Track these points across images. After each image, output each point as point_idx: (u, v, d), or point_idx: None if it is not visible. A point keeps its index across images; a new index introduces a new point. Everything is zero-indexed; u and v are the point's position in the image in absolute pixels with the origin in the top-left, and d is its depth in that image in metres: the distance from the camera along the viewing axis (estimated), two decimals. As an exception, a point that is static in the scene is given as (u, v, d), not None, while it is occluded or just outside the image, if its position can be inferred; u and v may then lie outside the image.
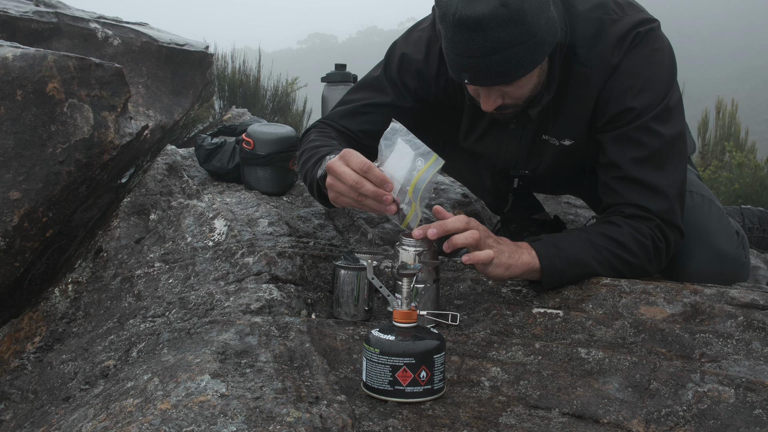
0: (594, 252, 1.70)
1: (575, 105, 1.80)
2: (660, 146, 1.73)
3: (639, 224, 1.72)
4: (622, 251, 1.71)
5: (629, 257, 1.71)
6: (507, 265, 1.62)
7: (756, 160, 4.76)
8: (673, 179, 1.75)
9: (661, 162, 1.74)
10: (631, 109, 1.73)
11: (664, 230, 1.73)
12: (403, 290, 1.40)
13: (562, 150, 1.89)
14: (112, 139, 2.18)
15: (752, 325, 1.54)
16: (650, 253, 1.72)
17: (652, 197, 1.73)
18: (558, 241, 1.71)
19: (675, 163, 1.76)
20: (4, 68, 2.09)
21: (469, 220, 1.59)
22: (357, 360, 1.51)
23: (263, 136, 2.42)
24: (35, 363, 1.86)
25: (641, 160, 1.73)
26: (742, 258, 1.97)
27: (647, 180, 1.73)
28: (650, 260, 1.74)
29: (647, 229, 1.72)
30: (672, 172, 1.75)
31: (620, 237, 1.71)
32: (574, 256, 1.69)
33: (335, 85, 2.81)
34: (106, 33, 3.46)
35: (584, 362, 1.46)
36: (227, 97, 5.67)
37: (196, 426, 1.17)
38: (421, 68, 1.88)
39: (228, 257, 1.94)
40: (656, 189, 1.73)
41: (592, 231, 1.74)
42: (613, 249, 1.70)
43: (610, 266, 1.72)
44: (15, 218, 2.04)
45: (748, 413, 1.28)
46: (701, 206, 1.94)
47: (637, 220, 1.73)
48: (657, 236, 1.72)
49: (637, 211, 1.73)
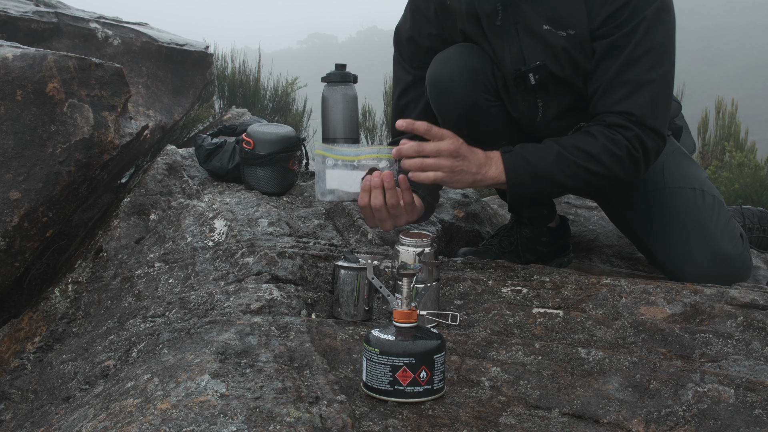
0: (563, 165, 1.77)
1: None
2: (648, 49, 1.75)
3: (616, 134, 1.76)
4: (592, 163, 1.77)
5: (599, 169, 1.77)
6: (472, 181, 1.77)
7: (756, 160, 4.75)
8: (659, 82, 1.77)
9: (647, 65, 1.76)
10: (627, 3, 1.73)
11: (642, 138, 1.76)
12: (403, 290, 1.40)
13: (567, 41, 1.84)
14: (112, 139, 2.18)
15: (752, 325, 1.54)
16: (624, 162, 1.78)
17: (634, 99, 1.75)
18: (527, 153, 1.79)
19: (662, 65, 1.77)
20: (4, 68, 2.09)
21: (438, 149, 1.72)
22: (357, 360, 1.51)
23: (263, 136, 2.42)
24: (35, 363, 1.86)
25: (628, 64, 1.75)
26: (746, 261, 1.97)
27: (631, 82, 1.75)
28: (624, 169, 1.79)
29: (623, 140, 1.76)
30: (658, 74, 1.77)
31: (592, 149, 1.76)
32: (541, 170, 1.77)
33: (335, 85, 2.81)
34: (106, 33, 3.46)
35: (584, 362, 1.46)
36: (227, 97, 5.67)
37: (196, 426, 1.17)
38: (411, 34, 2.06)
39: (228, 257, 1.94)
40: (639, 91, 1.75)
41: (566, 143, 1.80)
42: (582, 162, 1.77)
43: (578, 178, 1.80)
44: (15, 218, 2.04)
45: (748, 413, 1.28)
46: (711, 207, 1.94)
47: (615, 129, 1.76)
48: (633, 146, 1.76)
49: (618, 119, 1.77)
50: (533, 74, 1.90)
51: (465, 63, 1.98)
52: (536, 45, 1.87)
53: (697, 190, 1.96)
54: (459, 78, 1.98)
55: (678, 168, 1.99)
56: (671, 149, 2.02)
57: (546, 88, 1.92)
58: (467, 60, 1.98)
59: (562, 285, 1.79)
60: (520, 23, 1.87)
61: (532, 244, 2.25)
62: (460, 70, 1.98)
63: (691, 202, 1.94)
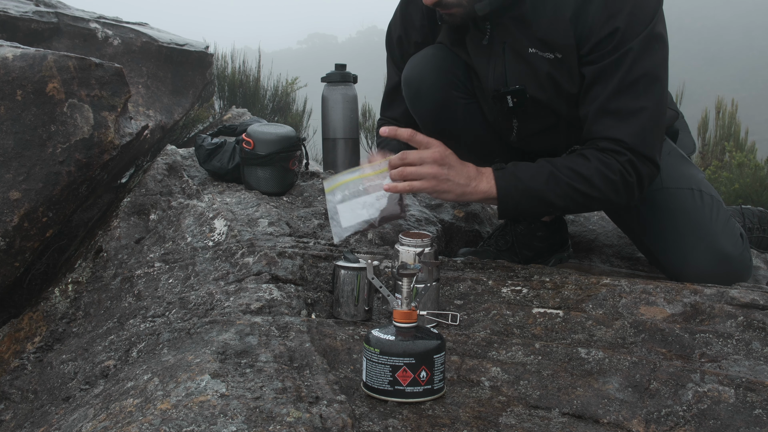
0: (554, 186, 1.76)
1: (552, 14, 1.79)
2: (638, 77, 1.74)
3: (609, 158, 1.76)
4: (585, 185, 1.76)
5: (592, 191, 1.76)
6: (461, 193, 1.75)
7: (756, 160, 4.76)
8: (649, 110, 1.76)
9: (637, 93, 1.75)
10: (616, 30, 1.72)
11: (636, 164, 1.76)
12: (403, 290, 1.40)
13: (550, 64, 1.84)
14: (112, 139, 2.18)
15: (752, 325, 1.54)
16: (617, 187, 1.77)
17: (624, 128, 1.75)
18: (520, 172, 1.78)
19: (653, 94, 1.76)
20: (4, 68, 2.09)
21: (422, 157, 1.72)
22: (357, 360, 1.51)
23: (263, 136, 2.42)
24: (35, 363, 1.86)
25: (618, 92, 1.75)
26: (746, 261, 1.97)
27: (622, 110, 1.75)
28: (618, 194, 1.78)
29: (617, 164, 1.75)
30: (648, 102, 1.76)
31: (585, 171, 1.76)
32: (533, 189, 1.76)
33: (335, 85, 2.81)
34: (106, 33, 3.46)
35: (584, 362, 1.46)
36: (227, 97, 5.67)
37: (196, 426, 1.17)
38: (400, 34, 2.13)
39: (228, 257, 1.94)
40: (630, 120, 1.75)
41: (559, 164, 1.78)
42: (575, 183, 1.76)
43: (571, 200, 1.78)
44: (15, 218, 2.04)
45: (748, 413, 1.28)
46: (710, 207, 1.94)
47: (609, 154, 1.76)
48: (627, 171, 1.75)
49: (610, 145, 1.76)
50: (511, 97, 1.93)
51: (435, 63, 2.03)
52: (520, 67, 1.89)
53: (695, 191, 1.96)
54: (429, 78, 2.03)
55: (675, 169, 1.99)
56: (667, 150, 2.02)
57: (523, 111, 1.95)
58: (437, 60, 2.03)
59: (562, 285, 1.79)
60: (507, 43, 1.89)
61: (527, 240, 2.26)
62: (430, 70, 2.03)
63: (690, 203, 1.94)
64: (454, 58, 2.03)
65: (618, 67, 1.74)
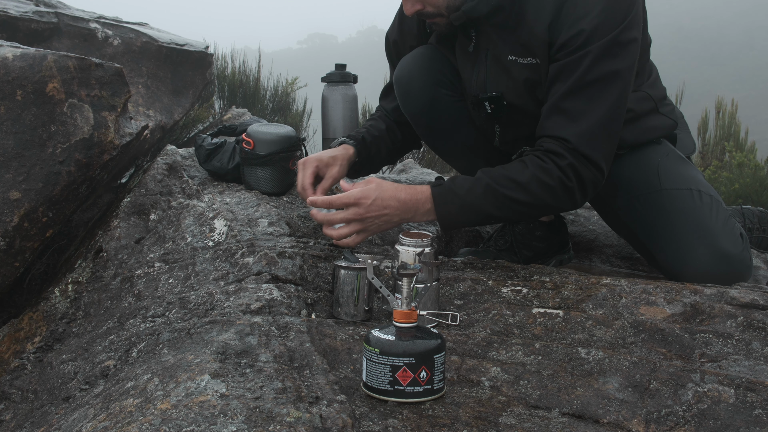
0: (492, 198, 1.79)
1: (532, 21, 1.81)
2: (595, 79, 1.75)
3: (548, 163, 1.77)
4: (521, 194, 1.78)
5: (528, 198, 1.78)
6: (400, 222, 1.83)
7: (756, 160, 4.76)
8: (600, 113, 1.76)
9: (591, 95, 1.76)
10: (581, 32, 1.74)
11: (577, 168, 1.76)
12: (403, 290, 1.40)
13: (529, 70, 1.87)
14: (112, 139, 2.18)
15: (752, 325, 1.54)
16: (556, 193, 1.78)
17: (572, 128, 1.76)
18: (459, 189, 1.80)
19: (606, 98, 1.77)
20: (4, 68, 2.09)
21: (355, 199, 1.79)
22: (357, 360, 1.51)
23: (263, 136, 2.42)
24: (35, 363, 1.86)
25: (571, 91, 1.76)
26: (746, 260, 1.97)
27: (571, 110, 1.76)
28: (556, 199, 1.80)
29: (555, 169, 1.76)
30: (600, 106, 1.76)
31: (521, 178, 1.78)
32: (470, 204, 1.80)
33: (335, 85, 2.81)
34: (106, 33, 3.46)
35: (584, 362, 1.46)
36: (227, 97, 5.67)
37: (196, 426, 1.17)
38: (396, 39, 2.20)
39: (228, 257, 1.94)
40: (578, 120, 1.75)
41: (496, 174, 1.81)
42: (511, 193, 1.78)
43: (509, 209, 1.81)
44: (15, 218, 2.04)
45: (748, 413, 1.28)
46: (709, 207, 1.94)
47: (550, 157, 1.77)
48: (566, 175, 1.76)
49: (554, 145, 1.77)
50: (489, 103, 1.96)
51: (424, 63, 2.08)
52: (500, 75, 1.93)
53: (693, 191, 1.96)
54: (418, 76, 2.07)
55: (673, 170, 1.99)
56: (665, 152, 2.03)
57: (504, 118, 1.99)
58: (426, 60, 2.08)
59: (562, 285, 1.79)
60: (489, 50, 1.93)
61: (526, 239, 2.26)
62: (419, 69, 2.08)
63: (689, 203, 1.94)
64: (443, 58, 2.07)
65: (576, 67, 1.75)
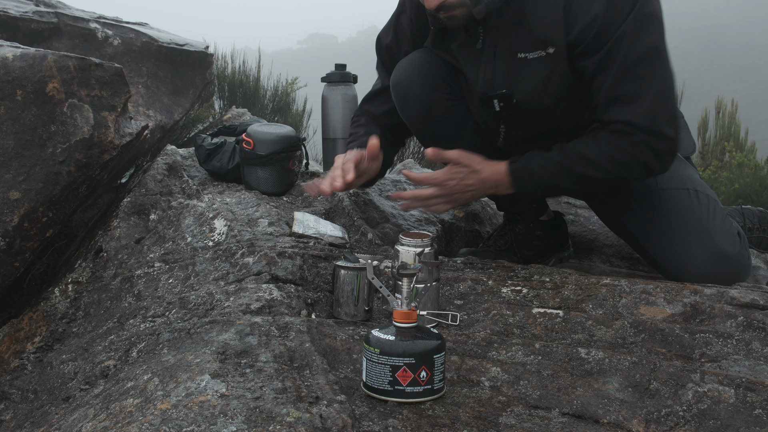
0: (566, 175, 1.87)
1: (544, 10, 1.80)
2: (638, 58, 1.75)
3: (620, 141, 1.79)
4: (594, 171, 1.84)
5: (602, 175, 1.84)
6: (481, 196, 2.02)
7: (756, 160, 4.75)
8: (655, 89, 1.77)
9: (640, 75, 1.76)
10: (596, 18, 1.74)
11: (650, 143, 1.78)
12: (403, 290, 1.40)
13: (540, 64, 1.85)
14: (112, 139, 2.18)
15: (752, 325, 1.54)
16: (631, 167, 1.82)
17: (632, 110, 1.77)
18: (535, 166, 1.89)
19: (656, 72, 1.78)
20: (4, 68, 2.09)
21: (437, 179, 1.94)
22: (357, 360, 1.51)
23: (263, 136, 2.42)
24: (35, 363, 1.86)
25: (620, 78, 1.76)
26: (745, 259, 1.97)
27: (626, 95, 1.77)
28: (633, 172, 1.84)
29: (627, 146, 1.79)
30: (653, 81, 1.77)
31: (594, 155, 1.83)
32: (546, 181, 1.89)
33: (335, 85, 2.81)
34: (106, 33, 3.46)
35: (584, 362, 1.46)
36: (227, 97, 5.67)
37: (196, 426, 1.17)
38: (389, 44, 2.19)
39: (228, 257, 1.94)
40: (636, 102, 1.77)
41: (570, 151, 1.86)
42: (584, 171, 1.84)
43: (584, 184, 1.90)
44: (15, 218, 2.04)
45: (748, 413, 1.28)
46: (707, 207, 1.94)
47: (620, 135, 1.79)
48: (639, 150, 1.79)
49: (623, 128, 1.79)
50: (498, 101, 1.96)
51: (422, 67, 2.07)
52: (509, 72, 1.91)
53: (690, 191, 1.96)
54: (416, 80, 2.07)
55: (670, 170, 1.99)
56: None
57: (510, 117, 1.99)
58: (424, 64, 2.07)
59: (562, 285, 1.79)
60: (498, 47, 1.90)
61: (527, 239, 2.26)
62: (417, 73, 2.07)
63: (686, 202, 1.94)
64: (440, 62, 2.06)
65: (615, 53, 1.75)
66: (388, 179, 2.73)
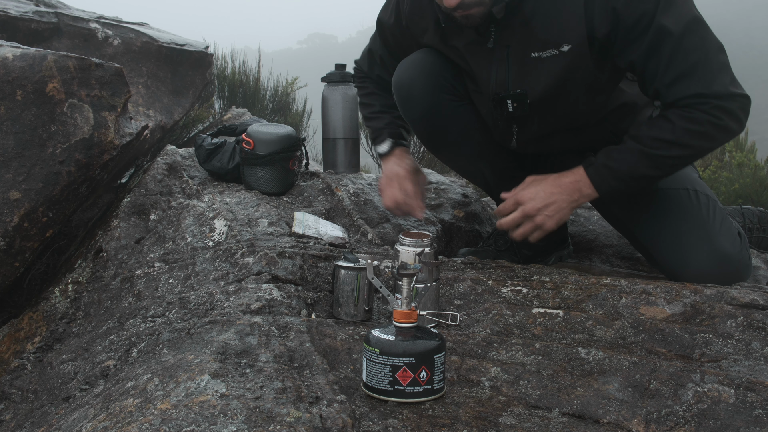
0: (648, 162, 1.81)
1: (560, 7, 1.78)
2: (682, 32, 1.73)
3: (693, 113, 1.76)
4: (676, 149, 1.79)
5: (684, 152, 1.80)
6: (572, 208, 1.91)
7: (756, 160, 4.75)
8: (710, 54, 1.75)
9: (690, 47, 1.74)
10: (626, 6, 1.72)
11: (721, 106, 1.75)
12: (403, 290, 1.40)
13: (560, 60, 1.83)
14: (112, 139, 2.18)
15: (752, 325, 1.54)
16: (710, 135, 1.78)
17: (697, 83, 1.75)
18: (612, 162, 1.84)
19: (703, 39, 1.76)
20: (4, 68, 2.09)
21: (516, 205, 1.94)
22: (357, 360, 1.51)
23: (263, 136, 2.42)
24: (35, 363, 1.86)
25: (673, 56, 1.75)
26: (745, 259, 1.97)
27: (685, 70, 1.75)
28: (713, 140, 1.80)
29: (701, 114, 1.76)
30: (705, 48, 1.75)
31: (671, 136, 1.78)
32: (628, 174, 1.83)
33: (335, 85, 2.81)
34: (106, 33, 3.46)
35: (584, 362, 1.46)
36: (227, 97, 5.67)
37: (196, 426, 1.17)
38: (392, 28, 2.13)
39: (228, 257, 1.94)
40: (695, 73, 1.74)
41: (644, 138, 1.81)
42: (665, 152, 1.79)
43: (667, 166, 1.84)
44: (15, 218, 2.04)
45: (748, 413, 1.28)
46: (707, 207, 1.94)
47: (692, 107, 1.76)
48: (714, 116, 1.75)
49: (693, 101, 1.76)
50: (512, 101, 1.93)
51: (425, 67, 2.04)
52: (522, 71, 1.89)
53: (690, 191, 1.96)
54: (419, 81, 2.04)
55: None
56: None
57: (523, 117, 1.96)
58: (427, 64, 2.04)
59: (562, 285, 1.79)
60: (510, 47, 1.87)
61: (527, 239, 2.25)
62: (419, 74, 2.04)
63: (686, 202, 1.94)
64: (443, 62, 2.03)
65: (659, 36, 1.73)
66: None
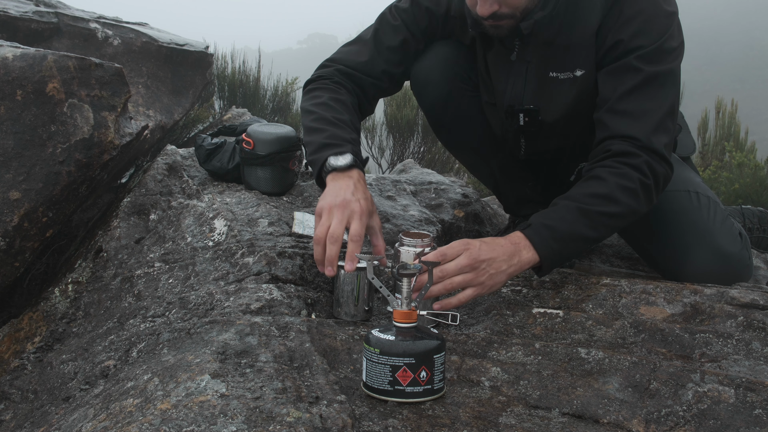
0: (585, 219, 1.69)
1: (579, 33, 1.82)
2: (648, 79, 1.76)
3: (624, 168, 1.72)
4: (610, 205, 1.70)
5: (618, 209, 1.71)
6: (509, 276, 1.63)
7: (756, 160, 4.75)
8: (663, 111, 1.77)
9: (647, 94, 1.76)
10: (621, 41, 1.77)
11: (652, 165, 1.73)
12: (403, 290, 1.40)
13: (575, 84, 1.87)
14: (112, 139, 2.18)
15: (752, 325, 1.54)
16: (639, 195, 1.72)
17: (637, 125, 1.75)
18: (549, 221, 1.69)
19: (662, 95, 1.78)
20: (4, 68, 2.09)
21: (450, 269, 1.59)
22: (357, 360, 1.51)
23: (263, 136, 2.42)
24: (35, 363, 1.86)
25: (628, 92, 1.76)
26: (746, 259, 1.97)
27: (632, 110, 1.76)
28: (640, 203, 1.73)
29: (633, 172, 1.72)
30: (662, 103, 1.77)
31: (605, 190, 1.71)
32: (566, 232, 1.68)
33: (335, 85, 2.80)
34: (106, 33, 3.46)
35: (584, 362, 1.46)
36: (227, 97, 5.67)
37: (196, 426, 1.17)
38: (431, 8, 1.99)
39: (228, 257, 1.94)
40: (643, 119, 1.75)
41: (578, 195, 1.72)
42: (601, 208, 1.70)
43: (604, 227, 1.73)
44: (15, 218, 2.04)
45: (748, 413, 1.28)
46: (707, 207, 1.94)
47: (622, 161, 1.73)
48: (644, 173, 1.73)
49: (624, 146, 1.74)
50: (524, 115, 1.96)
51: (443, 55, 2.05)
52: (538, 89, 1.92)
53: (691, 192, 1.97)
54: (436, 68, 2.05)
55: None
56: None
57: (532, 132, 1.99)
58: (445, 52, 2.05)
59: (562, 285, 1.79)
60: (531, 63, 1.90)
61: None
62: (437, 61, 2.05)
63: (687, 204, 1.95)
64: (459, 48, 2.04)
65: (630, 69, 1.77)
66: (388, 179, 2.73)
